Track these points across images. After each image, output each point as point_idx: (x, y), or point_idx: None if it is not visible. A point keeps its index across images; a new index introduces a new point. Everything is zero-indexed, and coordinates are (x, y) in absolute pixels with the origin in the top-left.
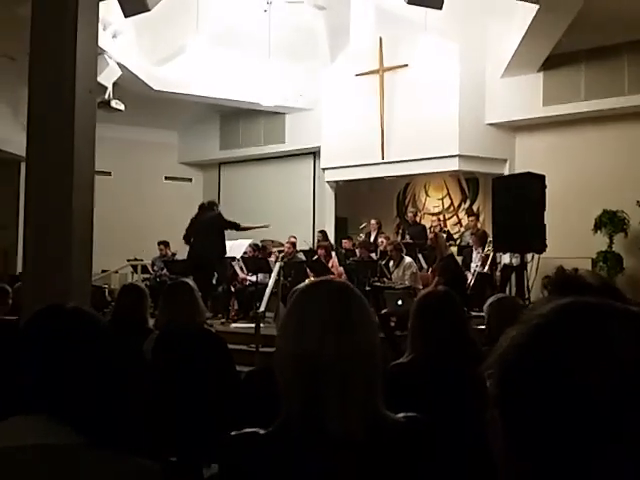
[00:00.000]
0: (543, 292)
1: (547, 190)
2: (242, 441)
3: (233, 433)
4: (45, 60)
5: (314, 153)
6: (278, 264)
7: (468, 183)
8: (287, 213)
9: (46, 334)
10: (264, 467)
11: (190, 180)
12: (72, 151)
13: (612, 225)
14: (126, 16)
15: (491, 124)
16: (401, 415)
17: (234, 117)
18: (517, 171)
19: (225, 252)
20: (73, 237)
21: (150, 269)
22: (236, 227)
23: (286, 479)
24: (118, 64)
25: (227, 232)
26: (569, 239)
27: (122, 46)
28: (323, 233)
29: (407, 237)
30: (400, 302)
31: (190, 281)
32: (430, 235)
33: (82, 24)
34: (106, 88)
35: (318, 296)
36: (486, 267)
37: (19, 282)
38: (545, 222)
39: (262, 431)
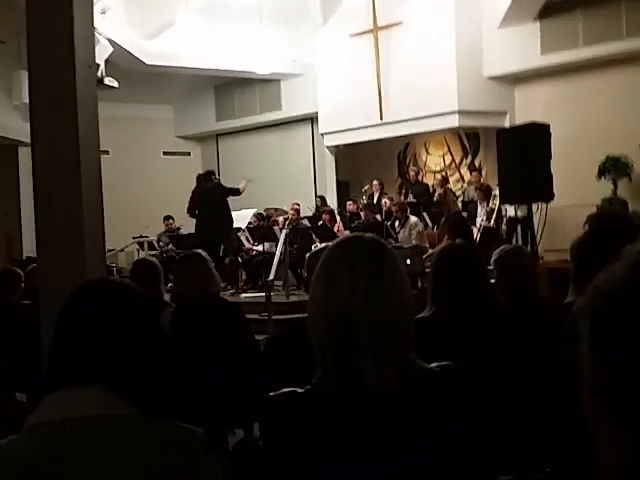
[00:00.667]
0: (584, 227)
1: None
2: (283, 400)
3: (271, 394)
4: (43, 37)
5: (312, 119)
6: (284, 232)
7: (468, 138)
8: (288, 180)
9: (96, 306)
10: (306, 423)
11: (189, 154)
12: (77, 128)
13: (616, 170)
14: None
15: (490, 77)
16: (434, 364)
17: (228, 87)
18: (517, 123)
19: (232, 220)
20: (84, 216)
21: (156, 245)
22: (237, 192)
23: (328, 434)
24: (109, 40)
25: (231, 202)
26: (573, 187)
27: (112, 22)
28: (322, 198)
29: (410, 196)
30: (408, 261)
31: (202, 252)
32: (439, 191)
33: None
34: (98, 66)
35: (348, 250)
36: (492, 221)
37: (30, 265)
38: (552, 170)
39: (300, 390)
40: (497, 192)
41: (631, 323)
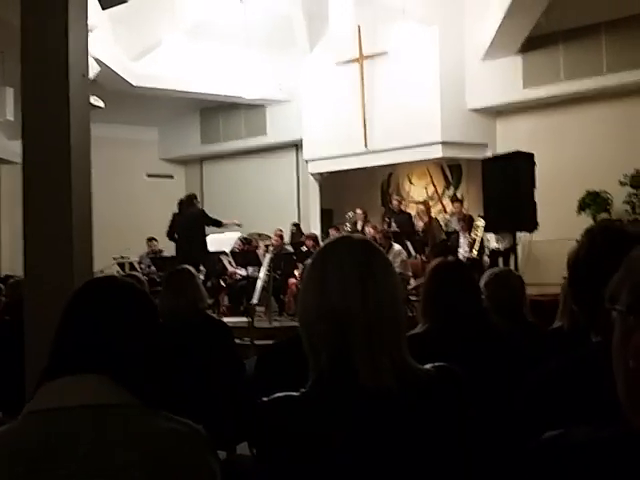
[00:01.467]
0: (582, 239)
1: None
2: (278, 404)
3: (265, 399)
4: (37, 44)
5: (296, 145)
6: (268, 256)
7: (451, 170)
8: (271, 206)
9: (101, 298)
10: (302, 426)
11: (172, 177)
12: (69, 137)
13: (595, 206)
14: (104, 8)
15: (472, 109)
16: (429, 365)
17: (214, 111)
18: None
19: (206, 247)
20: (74, 232)
21: (137, 267)
22: (219, 224)
23: (324, 434)
24: (95, 60)
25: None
26: (554, 221)
27: (98, 41)
28: (297, 226)
29: (393, 225)
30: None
31: (191, 268)
32: (424, 219)
33: (72, 4)
34: None
35: (339, 250)
36: (474, 251)
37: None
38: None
39: (294, 393)
40: (479, 223)
41: None
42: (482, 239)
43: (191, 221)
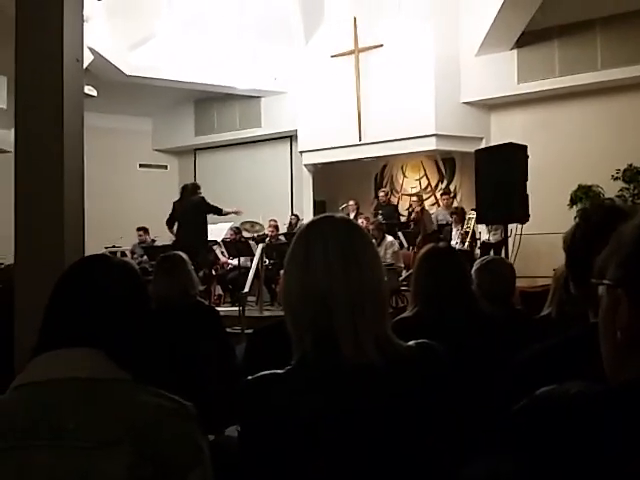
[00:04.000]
0: (575, 220)
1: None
2: (262, 381)
3: (250, 377)
4: (32, 33)
5: (291, 136)
6: (260, 246)
7: (445, 163)
8: (265, 198)
9: (94, 274)
10: (286, 402)
11: (165, 167)
12: (62, 125)
13: (587, 199)
14: None
15: (467, 102)
16: (412, 342)
17: (208, 102)
18: None
19: (207, 237)
20: (65, 220)
21: (130, 256)
22: (219, 212)
23: (308, 411)
24: (90, 49)
25: (208, 216)
26: (546, 214)
27: (93, 31)
28: (296, 217)
29: (380, 217)
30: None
31: (183, 254)
32: (417, 209)
33: None
34: None
35: (321, 229)
36: (465, 244)
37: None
38: (528, 192)
39: (279, 371)
40: (472, 215)
41: None
42: (474, 231)
43: (192, 209)
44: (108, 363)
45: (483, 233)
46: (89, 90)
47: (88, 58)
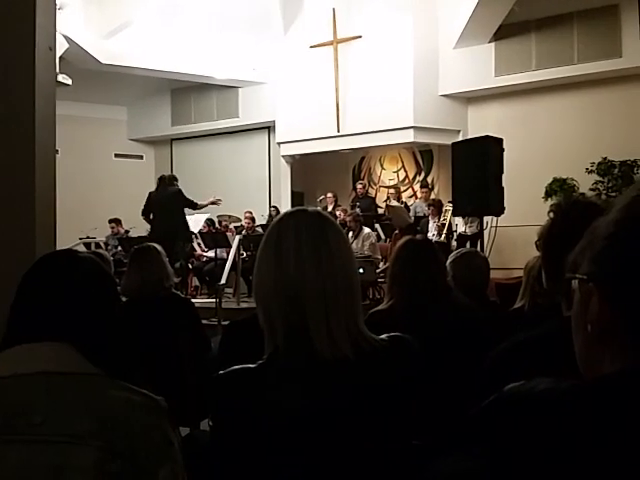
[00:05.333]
0: (549, 215)
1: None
2: (235, 376)
3: (222, 372)
4: (1, 15)
5: (269, 127)
6: (237, 237)
7: (422, 155)
8: (242, 189)
9: (60, 268)
10: (258, 397)
11: (141, 157)
12: (33, 112)
13: (562, 192)
14: None
15: (445, 95)
16: (384, 335)
17: (186, 92)
18: None
19: (187, 228)
20: (36, 211)
21: (104, 248)
22: (194, 206)
23: (280, 403)
24: (64, 37)
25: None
26: (521, 207)
27: (68, 19)
28: (276, 208)
29: (357, 209)
30: (361, 270)
31: (157, 245)
32: (394, 202)
33: None
34: None
35: (293, 223)
36: (442, 236)
37: None
38: (503, 185)
39: (251, 365)
40: (448, 207)
41: (629, 258)
42: (450, 223)
43: (168, 200)
44: (77, 357)
45: (459, 225)
46: (63, 78)
47: (63, 46)
